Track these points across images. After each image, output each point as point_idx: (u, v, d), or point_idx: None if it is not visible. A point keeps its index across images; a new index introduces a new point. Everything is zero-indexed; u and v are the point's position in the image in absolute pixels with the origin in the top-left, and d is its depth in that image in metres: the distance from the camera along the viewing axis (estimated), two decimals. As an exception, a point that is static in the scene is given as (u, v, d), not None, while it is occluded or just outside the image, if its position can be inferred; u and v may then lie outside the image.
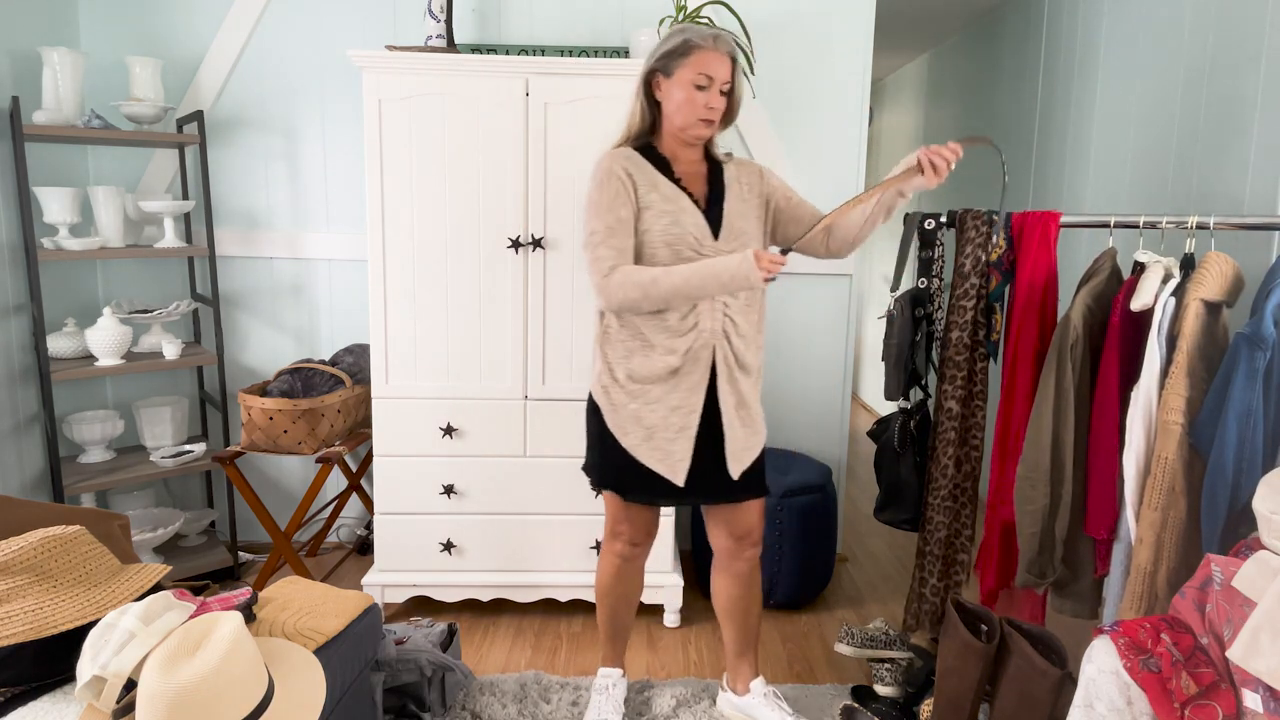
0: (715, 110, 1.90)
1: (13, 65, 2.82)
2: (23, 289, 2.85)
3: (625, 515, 2.12)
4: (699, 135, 1.93)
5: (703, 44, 1.87)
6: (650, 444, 1.98)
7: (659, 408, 1.96)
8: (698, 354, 1.94)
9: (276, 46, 3.13)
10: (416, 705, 2.17)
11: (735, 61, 1.91)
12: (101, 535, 1.84)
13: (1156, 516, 1.84)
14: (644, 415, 1.97)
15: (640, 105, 1.97)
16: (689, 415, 1.96)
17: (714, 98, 1.89)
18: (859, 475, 4.40)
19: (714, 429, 2.00)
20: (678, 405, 1.96)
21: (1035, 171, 3.55)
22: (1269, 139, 2.19)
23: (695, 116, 1.89)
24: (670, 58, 1.89)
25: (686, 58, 1.87)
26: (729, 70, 1.89)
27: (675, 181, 1.96)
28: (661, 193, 1.93)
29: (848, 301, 3.28)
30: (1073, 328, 2.00)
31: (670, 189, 1.94)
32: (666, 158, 1.98)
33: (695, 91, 1.88)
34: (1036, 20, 3.61)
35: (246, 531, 3.40)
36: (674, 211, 1.91)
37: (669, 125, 1.95)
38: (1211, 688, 1.46)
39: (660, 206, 1.91)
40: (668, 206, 1.91)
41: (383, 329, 2.67)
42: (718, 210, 1.96)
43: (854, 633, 2.56)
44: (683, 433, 1.97)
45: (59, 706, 1.52)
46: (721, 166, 2.03)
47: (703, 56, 1.86)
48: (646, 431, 1.97)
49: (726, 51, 1.89)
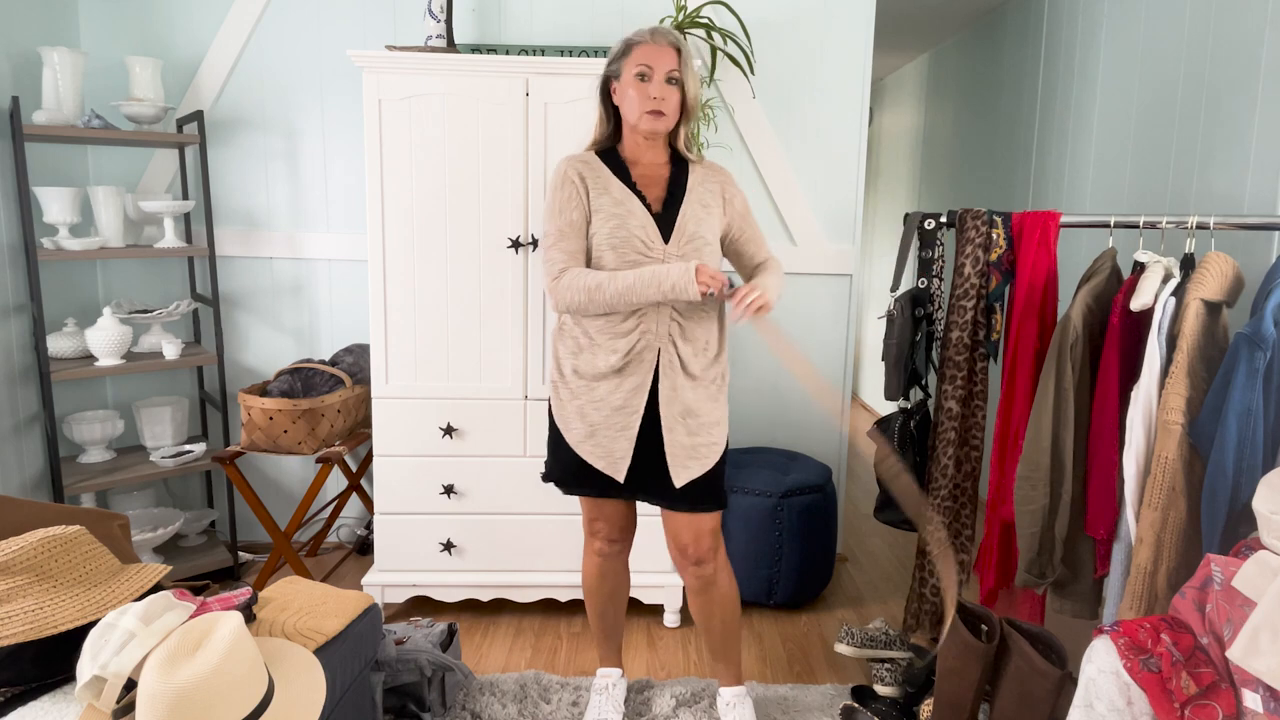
0: (661, 100, 1.89)
1: (13, 65, 2.82)
2: (23, 289, 2.85)
3: (599, 512, 2.13)
4: (652, 129, 1.93)
5: (640, 39, 1.92)
6: (593, 440, 1.99)
7: (603, 406, 1.97)
8: (640, 355, 1.94)
9: (276, 46, 3.13)
10: (416, 705, 2.17)
11: (681, 52, 1.91)
12: (101, 535, 1.84)
13: (1156, 516, 1.84)
14: (588, 412, 1.99)
15: (600, 112, 2.01)
16: (630, 416, 1.96)
17: (658, 87, 1.89)
18: (859, 475, 4.40)
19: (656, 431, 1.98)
20: (620, 405, 1.96)
21: (1035, 171, 3.55)
22: (1269, 139, 2.19)
23: (642, 109, 1.90)
24: (616, 61, 1.94)
25: (628, 56, 1.92)
26: (672, 59, 1.89)
27: (630, 185, 1.96)
28: (612, 195, 1.94)
29: (848, 301, 3.28)
30: (1072, 328, 2.01)
31: (621, 192, 1.95)
32: (627, 160, 1.99)
33: (640, 84, 1.89)
34: (1036, 20, 3.61)
35: (246, 531, 3.40)
36: (621, 215, 1.92)
37: (627, 127, 1.98)
38: (1211, 688, 1.46)
39: (609, 210, 1.93)
40: (616, 210, 1.93)
41: (383, 329, 2.67)
42: (672, 214, 1.95)
43: (854, 633, 2.56)
44: (624, 432, 1.97)
45: (59, 706, 1.52)
46: (689, 168, 2.02)
47: (640, 49, 1.90)
48: (589, 428, 1.99)
49: (668, 42, 1.91)
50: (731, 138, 3.15)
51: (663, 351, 1.95)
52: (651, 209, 1.95)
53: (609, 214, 1.93)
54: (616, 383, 1.95)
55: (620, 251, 1.91)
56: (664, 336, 1.95)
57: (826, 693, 2.42)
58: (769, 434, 3.36)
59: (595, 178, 1.96)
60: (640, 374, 1.95)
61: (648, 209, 1.95)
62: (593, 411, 1.98)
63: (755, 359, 3.30)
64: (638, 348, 1.94)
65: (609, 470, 2.00)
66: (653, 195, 1.97)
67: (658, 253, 1.93)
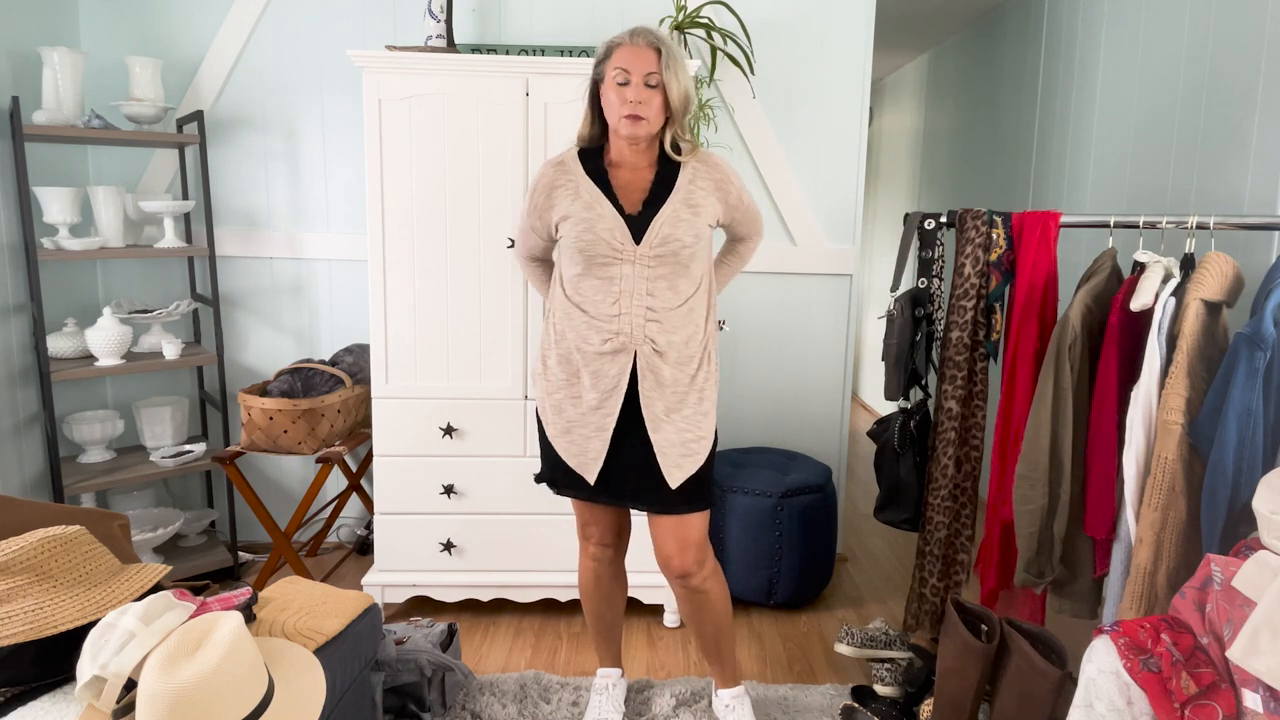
0: (638, 104, 1.84)
1: (13, 65, 2.82)
2: (23, 289, 2.85)
3: (590, 516, 2.12)
4: (631, 134, 1.88)
5: (619, 41, 1.88)
6: (568, 437, 1.99)
7: (579, 403, 1.96)
8: (615, 356, 1.92)
9: (276, 46, 3.13)
10: (416, 705, 2.17)
11: (661, 52, 1.85)
12: (101, 535, 1.84)
13: (1156, 516, 1.84)
14: (564, 407, 1.99)
15: (586, 113, 1.99)
16: (606, 417, 1.95)
17: (635, 91, 1.84)
18: (859, 475, 4.40)
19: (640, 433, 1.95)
20: (596, 405, 1.95)
21: (1035, 171, 3.55)
22: (1269, 139, 2.19)
23: (620, 114, 1.87)
24: (599, 64, 1.91)
25: (609, 59, 1.88)
26: (650, 61, 1.84)
27: (606, 187, 1.93)
28: (583, 200, 1.92)
29: (848, 301, 3.28)
30: (1071, 328, 2.01)
31: (592, 195, 1.92)
32: (611, 162, 1.97)
33: (619, 89, 1.86)
34: (1036, 20, 3.61)
35: (246, 531, 3.40)
36: (590, 219, 1.90)
37: (610, 129, 1.95)
38: (1211, 688, 1.46)
39: (579, 215, 1.91)
40: (586, 214, 1.91)
41: (383, 329, 2.67)
42: (649, 216, 1.91)
43: (854, 633, 2.56)
44: (599, 433, 1.96)
45: (59, 706, 1.52)
46: (679, 167, 1.96)
47: (619, 52, 1.86)
48: (566, 424, 1.99)
49: (647, 43, 1.85)
50: (731, 138, 3.15)
51: (639, 353, 1.92)
52: (625, 211, 1.92)
53: (578, 218, 1.91)
54: (593, 380, 1.94)
55: (588, 255, 1.90)
56: (639, 338, 1.92)
57: (826, 693, 2.42)
58: (769, 434, 3.36)
59: (567, 183, 1.95)
60: (615, 374, 1.93)
61: (619, 211, 1.91)
62: (569, 407, 1.98)
63: (755, 359, 3.30)
64: (611, 347, 1.92)
65: (580, 470, 1.98)
66: (632, 199, 1.93)
67: (629, 254, 1.90)
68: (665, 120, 1.92)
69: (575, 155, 1.99)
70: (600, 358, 1.93)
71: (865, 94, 3.16)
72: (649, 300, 1.92)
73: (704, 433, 1.99)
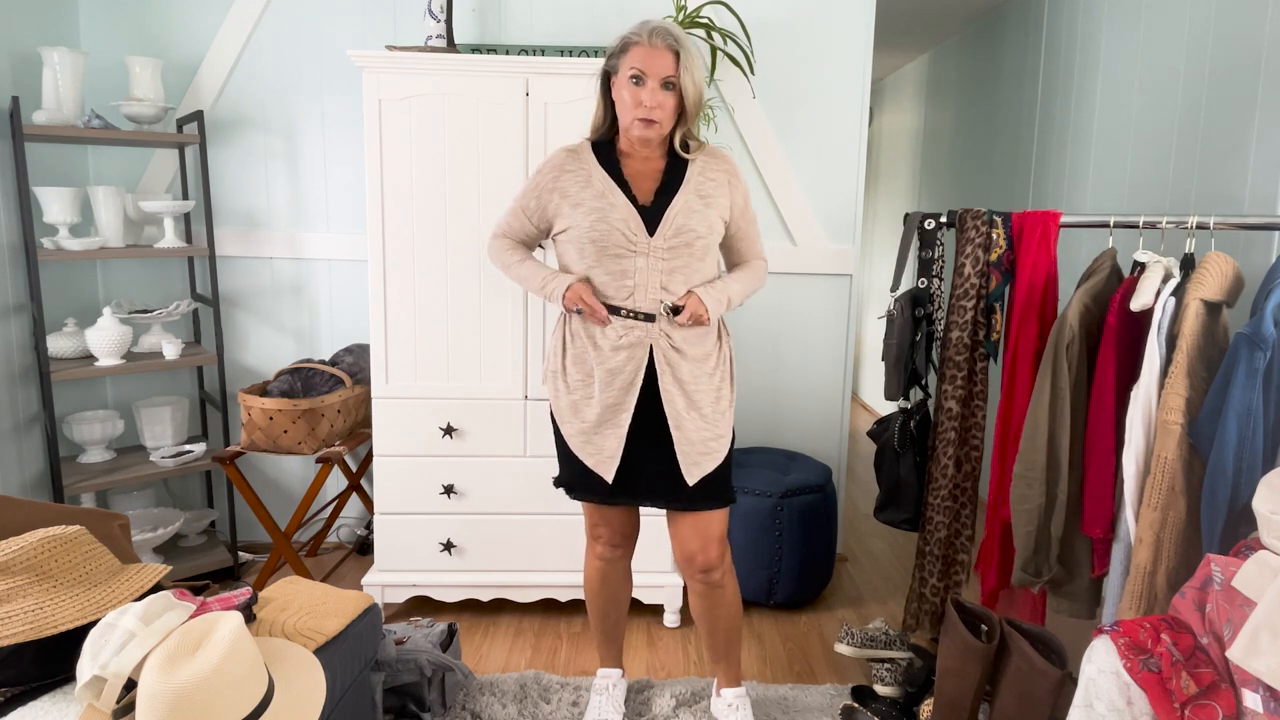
0: (651, 108, 1.83)
1: (13, 65, 2.82)
2: (23, 289, 2.85)
3: (600, 518, 2.12)
4: (642, 136, 1.87)
5: (637, 39, 1.84)
6: (584, 437, 1.98)
7: (595, 403, 1.96)
8: (632, 351, 1.92)
9: (276, 46, 3.13)
10: (416, 705, 2.17)
11: (679, 55, 1.82)
12: (101, 535, 1.84)
13: (1156, 516, 1.84)
14: (581, 408, 1.98)
15: (599, 105, 1.97)
16: (622, 414, 1.94)
17: (650, 93, 1.82)
18: (859, 475, 4.40)
19: (659, 430, 1.95)
20: (613, 403, 1.94)
21: (1035, 171, 3.55)
22: (1269, 139, 2.19)
23: (632, 116, 1.85)
24: (614, 57, 1.88)
25: (624, 55, 1.85)
26: (669, 64, 1.82)
27: (619, 177, 1.92)
28: (595, 189, 1.91)
29: (848, 301, 3.28)
30: (1069, 327, 2.01)
31: (605, 185, 1.91)
32: (621, 153, 1.95)
33: (633, 88, 1.83)
34: (1036, 20, 3.61)
35: (246, 531, 3.40)
36: (603, 209, 1.88)
37: (621, 127, 1.93)
38: (1211, 688, 1.46)
39: (590, 204, 1.90)
40: (597, 204, 1.89)
41: (383, 329, 2.67)
42: (662, 206, 1.90)
43: (854, 633, 2.56)
44: (615, 430, 1.96)
45: (59, 706, 1.52)
46: (689, 160, 1.95)
47: (635, 51, 1.83)
48: (582, 424, 1.98)
49: (665, 45, 1.82)
50: (731, 138, 3.15)
51: (655, 347, 1.92)
52: (639, 201, 1.91)
53: (590, 208, 1.89)
54: (608, 377, 1.93)
55: (601, 245, 1.88)
56: (655, 333, 1.92)
57: (826, 693, 2.42)
58: (769, 434, 3.36)
59: (578, 169, 1.93)
60: (632, 371, 1.93)
61: (633, 201, 1.90)
62: (585, 407, 1.97)
63: (755, 359, 3.30)
64: (627, 341, 1.91)
65: (597, 468, 1.98)
66: (644, 188, 1.92)
67: (642, 246, 1.88)
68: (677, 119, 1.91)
69: (589, 145, 1.98)
70: (615, 353, 1.92)
71: (865, 94, 3.16)
72: (664, 295, 1.91)
73: (722, 431, 1.99)
